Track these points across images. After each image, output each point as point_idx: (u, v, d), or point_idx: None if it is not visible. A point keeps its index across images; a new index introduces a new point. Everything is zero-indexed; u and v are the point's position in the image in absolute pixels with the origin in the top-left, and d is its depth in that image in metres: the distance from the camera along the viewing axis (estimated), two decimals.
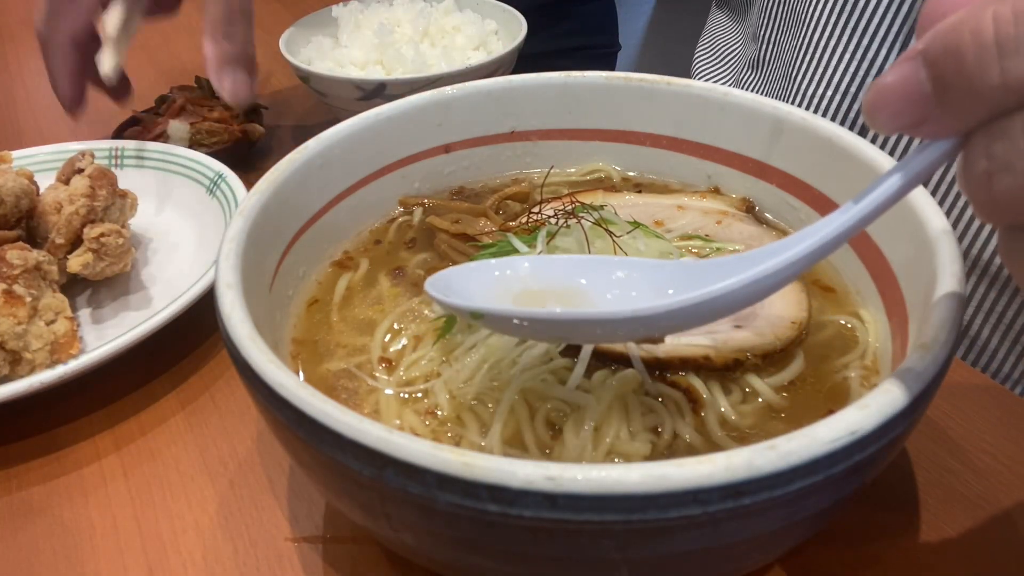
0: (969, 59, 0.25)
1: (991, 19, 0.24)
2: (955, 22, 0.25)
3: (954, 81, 0.26)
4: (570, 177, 0.70)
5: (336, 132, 0.60)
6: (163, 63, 1.38)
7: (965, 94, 0.26)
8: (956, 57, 0.25)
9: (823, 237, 0.34)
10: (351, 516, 0.42)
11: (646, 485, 0.31)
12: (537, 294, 0.41)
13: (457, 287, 0.40)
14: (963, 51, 0.25)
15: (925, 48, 0.27)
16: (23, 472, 0.60)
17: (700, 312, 0.37)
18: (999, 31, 0.24)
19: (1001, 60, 0.24)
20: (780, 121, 0.59)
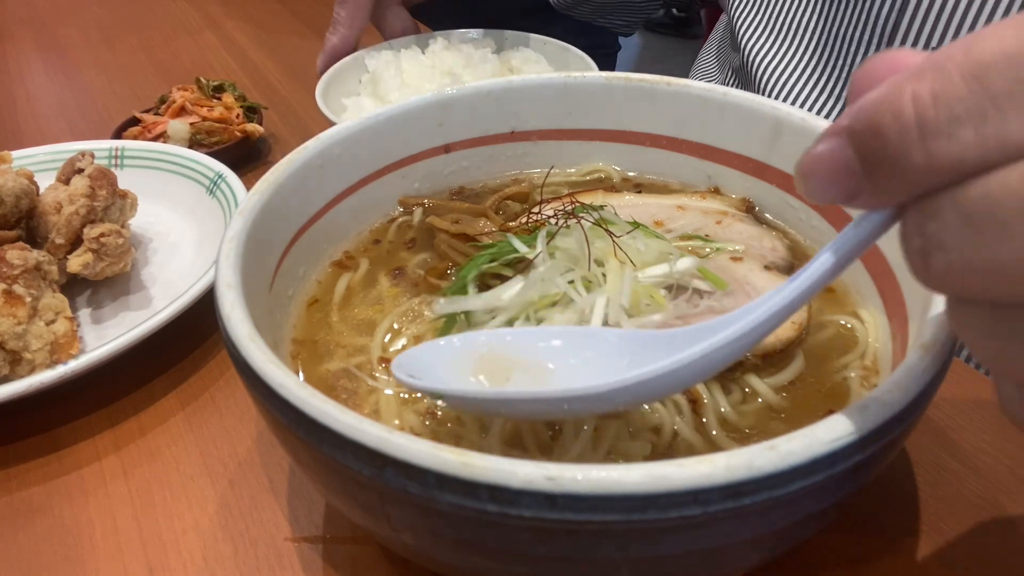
0: (892, 140, 0.25)
1: (910, 100, 0.24)
2: (877, 100, 0.25)
3: (880, 161, 0.26)
4: (570, 177, 0.70)
5: (336, 132, 0.60)
6: (163, 63, 1.38)
7: (892, 173, 0.26)
8: (880, 138, 0.25)
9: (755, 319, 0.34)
10: (351, 516, 0.42)
11: (646, 485, 0.31)
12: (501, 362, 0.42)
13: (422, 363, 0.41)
14: (886, 132, 0.25)
15: (850, 125, 0.26)
16: (23, 472, 0.60)
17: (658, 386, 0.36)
18: (919, 113, 0.24)
19: (923, 142, 0.24)
20: (780, 121, 0.59)
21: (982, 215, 0.24)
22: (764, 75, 0.93)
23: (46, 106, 1.26)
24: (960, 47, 0.24)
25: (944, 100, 0.23)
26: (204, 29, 1.52)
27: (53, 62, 1.43)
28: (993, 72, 0.23)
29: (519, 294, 0.50)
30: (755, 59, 0.95)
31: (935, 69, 0.24)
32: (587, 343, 0.42)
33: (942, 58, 0.24)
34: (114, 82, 1.32)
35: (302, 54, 1.39)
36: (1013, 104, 0.22)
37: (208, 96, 1.07)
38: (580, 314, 0.49)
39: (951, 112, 0.23)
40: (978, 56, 0.23)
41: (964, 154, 0.23)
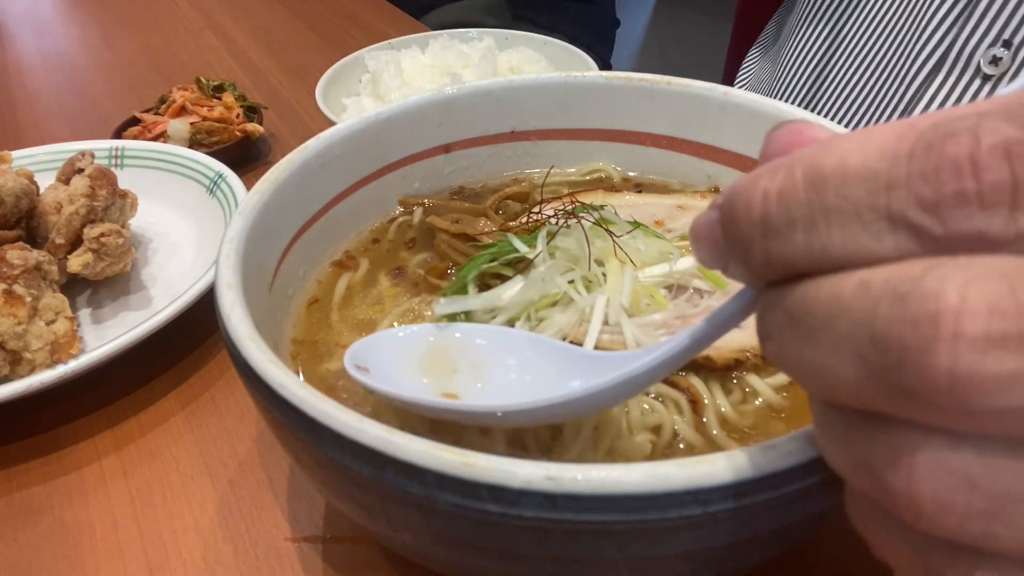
0: (742, 230, 0.26)
1: (761, 195, 0.25)
2: (739, 188, 0.26)
3: (733, 246, 0.27)
4: (570, 177, 0.70)
5: (336, 132, 0.60)
6: (163, 63, 1.38)
7: (741, 260, 0.27)
8: (734, 225, 0.26)
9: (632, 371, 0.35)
10: (351, 516, 0.41)
11: (646, 485, 0.31)
12: (446, 358, 0.43)
13: (374, 352, 0.42)
14: (738, 222, 0.26)
15: (720, 204, 0.27)
16: (23, 472, 0.60)
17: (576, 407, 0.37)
18: (764, 209, 0.25)
19: (763, 238, 0.25)
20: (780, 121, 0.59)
21: (798, 316, 0.24)
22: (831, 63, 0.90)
23: (46, 106, 1.26)
24: (812, 151, 0.24)
25: (785, 202, 0.24)
26: (204, 29, 1.52)
27: (53, 62, 1.43)
28: (829, 183, 0.23)
29: (519, 294, 0.50)
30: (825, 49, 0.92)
31: (787, 169, 0.25)
32: (528, 347, 0.43)
33: (796, 159, 0.25)
34: (114, 82, 1.32)
35: (302, 54, 1.39)
36: (839, 218, 0.23)
37: (208, 96, 1.07)
38: (580, 314, 0.49)
39: (789, 215, 0.24)
40: (820, 165, 0.24)
41: (794, 256, 0.24)
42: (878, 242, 0.22)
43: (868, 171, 0.22)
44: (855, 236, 0.23)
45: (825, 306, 0.23)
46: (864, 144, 0.23)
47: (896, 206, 0.22)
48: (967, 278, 0.20)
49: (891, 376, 0.21)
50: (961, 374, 0.20)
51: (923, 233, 0.22)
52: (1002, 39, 0.74)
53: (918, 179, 0.21)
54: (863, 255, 0.23)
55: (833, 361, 0.23)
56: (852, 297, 0.22)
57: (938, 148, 0.21)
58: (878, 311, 0.21)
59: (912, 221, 0.22)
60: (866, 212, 0.22)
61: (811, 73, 0.96)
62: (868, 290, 0.22)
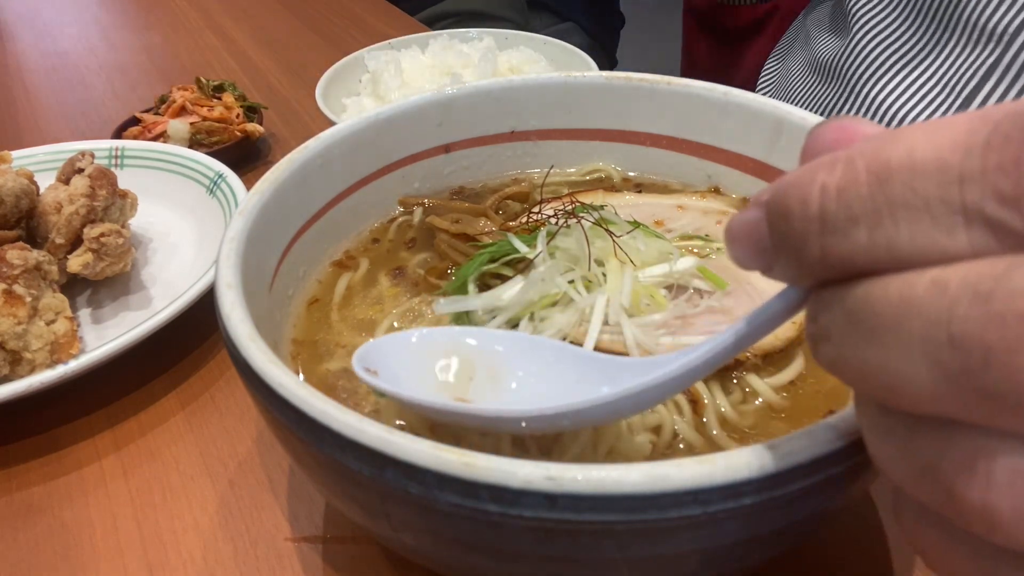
0: (796, 227, 0.25)
1: (819, 190, 0.24)
2: (791, 183, 0.25)
3: (785, 243, 0.26)
4: (570, 177, 0.70)
5: (336, 132, 0.60)
6: (163, 63, 1.38)
7: (794, 258, 0.26)
8: (786, 222, 0.25)
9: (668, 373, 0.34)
10: (351, 516, 0.41)
11: (646, 485, 0.31)
12: (464, 363, 0.42)
13: (383, 355, 0.41)
14: (792, 218, 0.25)
15: (768, 201, 0.26)
16: (23, 472, 0.60)
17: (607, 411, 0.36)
18: (823, 205, 0.24)
19: (821, 235, 0.24)
20: (780, 121, 0.59)
21: (861, 317, 0.23)
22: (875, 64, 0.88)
23: (46, 106, 1.26)
24: (874, 144, 0.23)
25: (846, 197, 0.23)
26: (204, 29, 1.52)
27: (53, 62, 1.43)
28: (895, 177, 0.22)
29: (519, 294, 0.50)
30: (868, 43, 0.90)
31: (847, 162, 0.24)
32: (549, 354, 0.42)
33: (856, 152, 0.24)
34: (114, 82, 1.32)
35: (302, 54, 1.39)
36: (907, 213, 0.22)
37: (208, 96, 1.07)
38: (580, 314, 0.49)
39: (850, 211, 0.23)
40: (886, 158, 0.23)
41: (855, 254, 0.23)
42: (951, 238, 0.21)
43: (940, 163, 0.21)
44: (926, 232, 0.22)
45: (894, 306, 0.22)
46: (933, 135, 0.22)
47: (972, 200, 0.21)
48: None
49: (973, 379, 0.20)
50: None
51: (1002, 229, 0.20)
52: None
53: (996, 171, 0.20)
54: (935, 252, 0.22)
55: (902, 364, 0.22)
56: (925, 296, 0.21)
57: (1017, 139, 0.20)
58: (956, 311, 0.20)
59: (990, 216, 0.20)
60: (937, 206, 0.21)
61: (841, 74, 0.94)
62: (944, 289, 0.21)
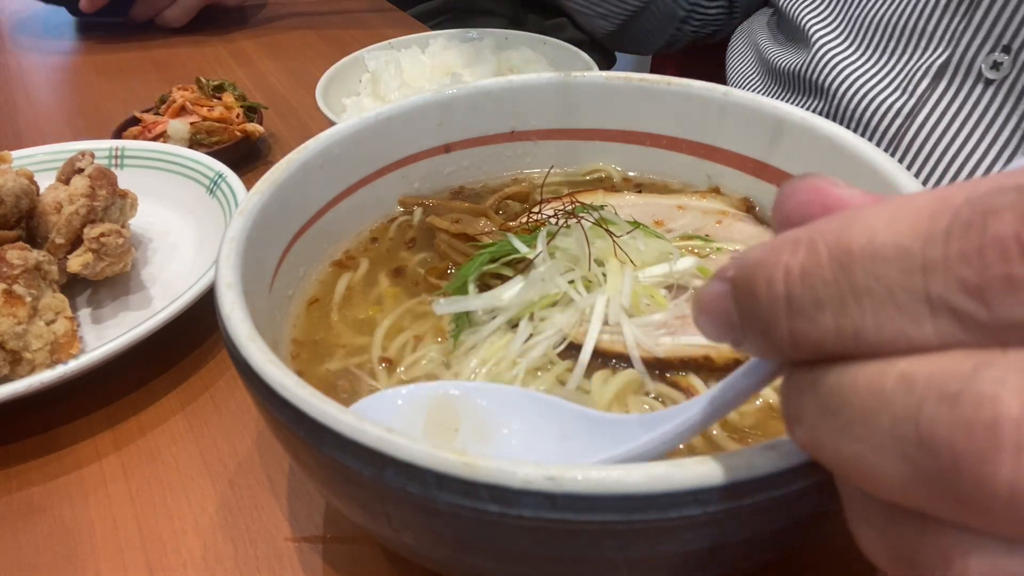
0: (763, 308, 0.24)
1: (783, 272, 0.23)
2: (756, 262, 0.25)
3: (752, 323, 0.25)
4: (570, 177, 0.70)
5: (336, 132, 0.60)
6: (163, 63, 1.38)
7: (763, 337, 0.25)
8: (753, 301, 0.25)
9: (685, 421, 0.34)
10: (351, 516, 0.41)
11: (646, 485, 0.31)
12: (449, 417, 0.42)
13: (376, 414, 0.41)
14: (758, 298, 0.24)
15: (733, 278, 0.26)
16: (23, 472, 0.60)
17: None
18: (788, 288, 0.23)
19: (788, 318, 0.24)
20: (780, 121, 0.59)
21: (832, 406, 0.23)
22: (833, 72, 0.90)
23: (46, 106, 1.26)
24: (836, 225, 0.23)
25: (810, 281, 0.23)
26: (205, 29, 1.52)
27: (53, 62, 1.43)
28: (857, 264, 0.22)
29: (519, 294, 0.50)
30: (825, 55, 0.92)
31: (809, 244, 0.23)
32: (532, 407, 0.42)
33: (818, 233, 0.23)
34: (114, 82, 1.32)
35: (302, 54, 1.39)
36: (871, 301, 0.22)
37: (208, 96, 1.07)
38: (580, 314, 0.49)
39: (815, 295, 0.23)
40: (847, 242, 0.22)
41: (823, 339, 0.23)
42: (917, 328, 0.21)
43: (900, 250, 0.21)
44: (891, 320, 0.21)
45: (863, 398, 0.22)
46: (894, 220, 0.21)
47: (936, 289, 0.20)
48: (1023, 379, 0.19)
49: (944, 482, 0.20)
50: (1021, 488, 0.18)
51: (967, 319, 0.20)
52: (1002, 44, 0.74)
53: (958, 261, 0.20)
54: (901, 341, 0.21)
55: (875, 458, 0.21)
56: (894, 391, 0.21)
57: (978, 226, 0.20)
58: (923, 411, 0.20)
59: (955, 306, 0.20)
60: (901, 295, 0.21)
61: (808, 84, 0.95)
62: (911, 385, 0.20)
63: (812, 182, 0.26)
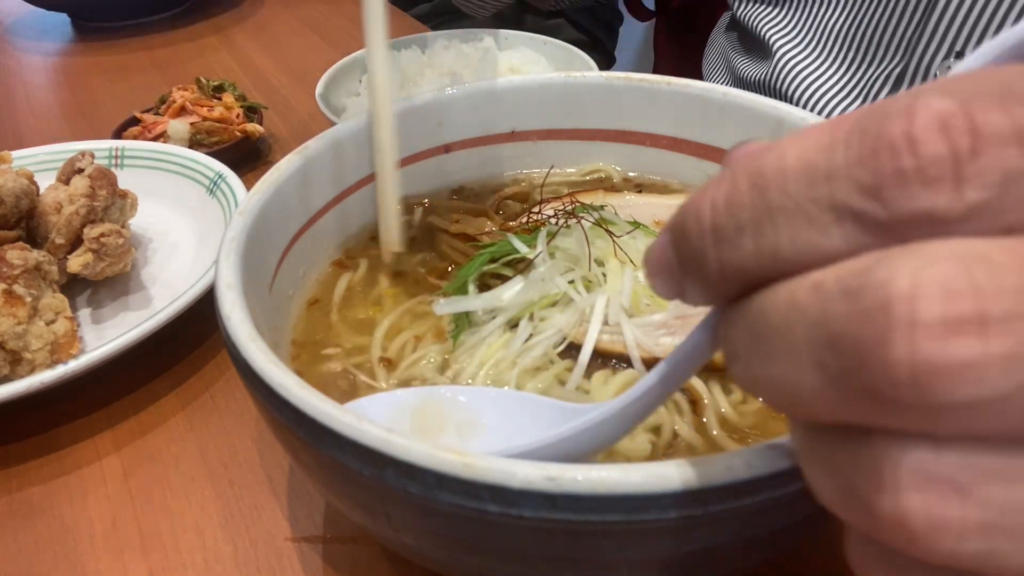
0: (694, 243, 0.25)
1: (709, 204, 0.24)
2: (689, 201, 0.25)
3: (687, 263, 0.26)
4: (570, 177, 0.70)
5: (336, 132, 0.60)
6: (163, 63, 1.38)
7: (697, 276, 0.25)
8: (685, 241, 0.25)
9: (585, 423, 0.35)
10: (351, 516, 0.42)
11: (646, 485, 0.31)
12: (435, 417, 0.43)
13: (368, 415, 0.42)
14: (689, 235, 0.25)
15: (670, 224, 0.26)
16: (23, 472, 0.60)
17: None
18: (713, 218, 0.24)
19: (715, 248, 0.24)
20: (780, 121, 0.59)
21: (758, 330, 0.23)
22: (795, 82, 0.92)
23: (46, 106, 1.26)
24: (753, 155, 0.23)
25: (732, 208, 0.23)
26: (204, 29, 1.52)
27: (53, 62, 1.43)
28: (771, 183, 0.22)
29: (519, 294, 0.50)
30: (786, 64, 0.94)
31: (731, 176, 0.24)
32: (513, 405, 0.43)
33: (740, 164, 0.24)
34: (114, 82, 1.32)
35: (302, 54, 1.39)
36: (784, 218, 0.22)
37: (208, 96, 1.07)
38: (580, 314, 0.49)
39: (737, 220, 0.23)
40: (760, 166, 0.23)
41: (745, 263, 0.23)
42: (826, 236, 0.21)
43: (806, 164, 0.22)
44: (802, 233, 0.22)
45: (783, 314, 0.22)
46: (802, 140, 0.22)
47: (838, 196, 0.21)
48: (919, 263, 0.19)
49: (852, 378, 0.20)
50: (921, 364, 0.18)
51: (868, 220, 0.20)
52: (955, 51, 0.76)
53: (856, 164, 0.20)
54: (814, 253, 0.22)
55: (795, 373, 0.21)
56: (806, 300, 0.21)
57: (873, 131, 0.20)
58: (829, 311, 0.20)
59: (855, 208, 0.20)
60: (809, 206, 0.21)
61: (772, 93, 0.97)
62: (820, 291, 0.21)
63: (750, 144, 0.26)
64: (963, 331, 0.18)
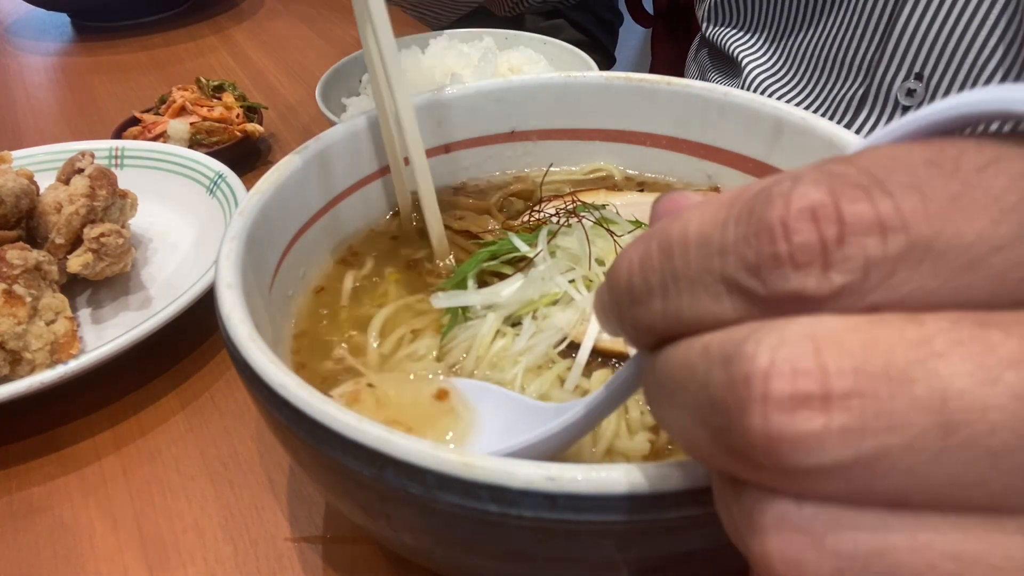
0: (615, 298, 0.27)
1: (627, 264, 0.26)
2: (620, 254, 0.27)
3: (611, 314, 0.28)
4: (572, 176, 0.70)
5: (336, 132, 0.60)
6: (163, 63, 1.38)
7: (620, 325, 0.28)
8: (609, 293, 0.28)
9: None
10: (351, 516, 0.41)
11: (646, 485, 0.31)
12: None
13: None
14: (612, 290, 0.27)
15: (607, 273, 0.28)
16: (23, 472, 0.60)
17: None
18: (628, 278, 0.26)
19: (631, 306, 0.26)
20: (781, 121, 0.59)
21: (662, 381, 0.25)
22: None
23: (46, 106, 1.26)
24: (665, 221, 0.25)
25: (644, 270, 0.25)
26: (204, 29, 1.52)
27: (53, 62, 1.43)
28: (675, 251, 0.24)
29: (518, 292, 0.50)
30: (755, 81, 0.98)
31: (646, 239, 0.26)
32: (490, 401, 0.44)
33: (654, 228, 0.26)
34: (114, 82, 1.32)
35: (302, 54, 1.39)
36: (686, 284, 0.24)
37: (208, 96, 1.07)
38: (581, 313, 0.49)
39: (647, 282, 0.25)
40: (668, 233, 0.25)
41: (654, 322, 0.25)
42: (719, 305, 0.23)
43: (703, 237, 0.24)
44: (700, 299, 0.24)
45: (679, 369, 0.24)
46: (703, 212, 0.24)
47: (727, 270, 0.23)
48: (778, 340, 0.21)
49: (725, 439, 0.22)
50: (772, 434, 0.20)
51: (751, 295, 0.22)
52: (914, 72, 0.79)
53: (742, 243, 0.22)
54: (709, 317, 0.24)
55: (690, 426, 0.24)
56: (696, 362, 0.23)
57: (757, 214, 0.22)
58: (711, 375, 0.22)
59: (740, 284, 0.23)
60: (705, 276, 0.23)
61: None
62: (707, 354, 0.23)
63: (673, 196, 0.29)
64: (808, 406, 0.20)
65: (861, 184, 0.21)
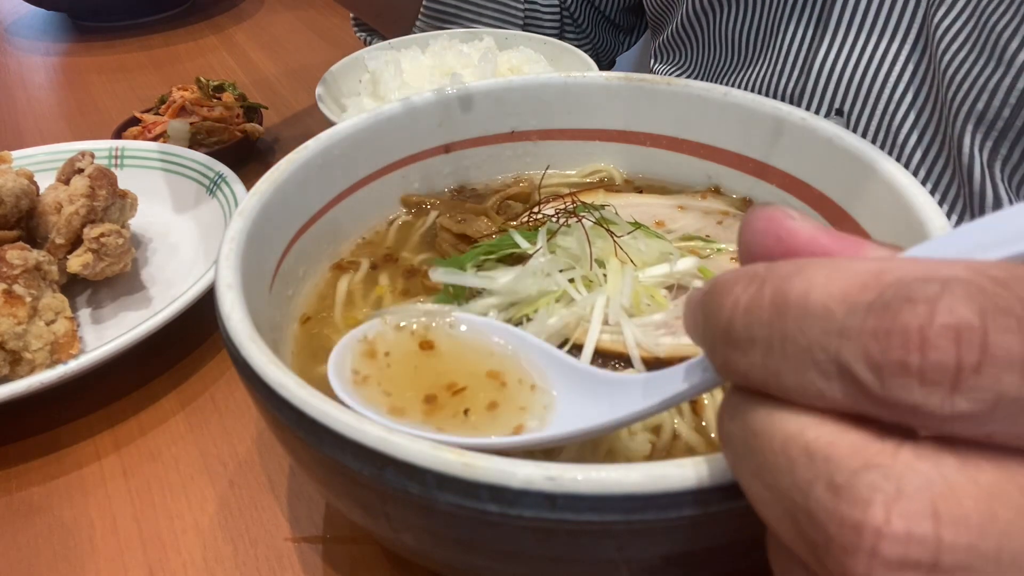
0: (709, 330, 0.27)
1: (731, 303, 0.26)
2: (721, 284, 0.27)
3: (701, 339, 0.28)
4: (571, 177, 0.70)
5: (336, 132, 0.60)
6: (163, 63, 1.38)
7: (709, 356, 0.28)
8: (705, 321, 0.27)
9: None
10: (351, 516, 0.41)
11: (646, 485, 0.31)
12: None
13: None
14: (708, 318, 0.27)
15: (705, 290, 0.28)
16: (23, 472, 0.60)
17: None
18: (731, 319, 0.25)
19: (725, 346, 0.26)
20: (780, 121, 0.59)
21: (753, 446, 0.25)
22: None
23: (46, 106, 1.26)
24: (784, 271, 0.25)
25: (750, 319, 0.25)
26: (204, 29, 1.52)
27: (53, 62, 1.43)
28: (790, 313, 0.24)
29: (514, 280, 0.50)
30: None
31: (759, 285, 0.25)
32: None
33: (769, 275, 0.25)
34: (114, 82, 1.32)
35: (302, 54, 1.39)
36: (794, 349, 0.23)
37: (208, 96, 1.07)
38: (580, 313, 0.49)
39: (751, 332, 0.25)
40: (787, 291, 0.24)
41: (750, 372, 0.25)
42: (826, 383, 0.23)
43: (826, 311, 0.23)
44: (806, 372, 0.23)
45: (776, 455, 0.24)
46: (830, 281, 0.23)
47: (845, 355, 0.22)
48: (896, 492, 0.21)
49: (819, 553, 0.22)
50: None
51: (864, 389, 0.22)
52: (835, 108, 0.82)
53: (869, 336, 0.22)
54: (811, 391, 0.23)
55: (775, 509, 0.24)
56: (797, 460, 0.23)
57: (894, 311, 0.21)
58: (813, 490, 0.22)
59: (856, 375, 0.22)
60: (818, 351, 0.23)
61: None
62: (812, 461, 0.23)
63: (769, 211, 0.28)
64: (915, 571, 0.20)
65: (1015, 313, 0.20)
